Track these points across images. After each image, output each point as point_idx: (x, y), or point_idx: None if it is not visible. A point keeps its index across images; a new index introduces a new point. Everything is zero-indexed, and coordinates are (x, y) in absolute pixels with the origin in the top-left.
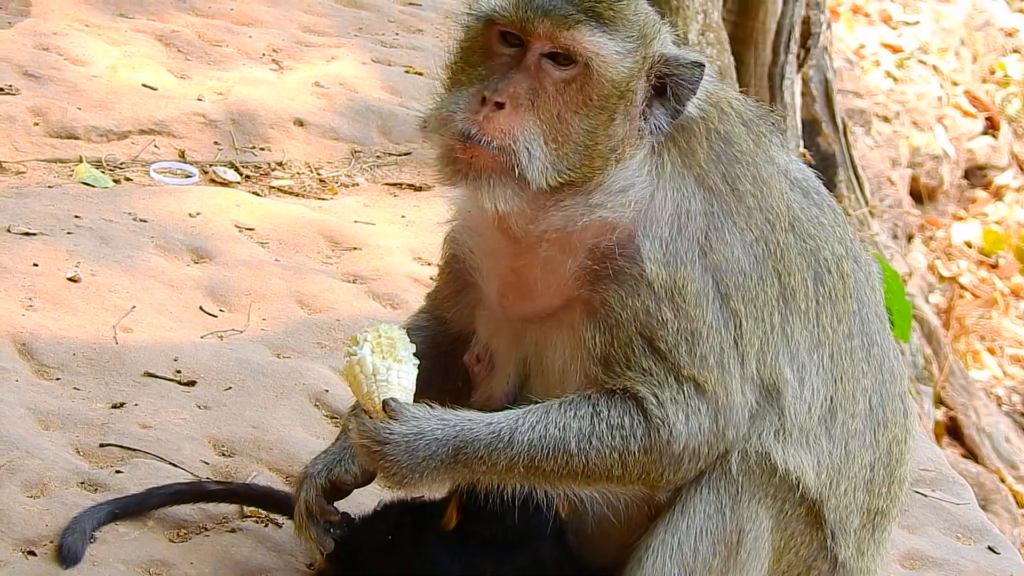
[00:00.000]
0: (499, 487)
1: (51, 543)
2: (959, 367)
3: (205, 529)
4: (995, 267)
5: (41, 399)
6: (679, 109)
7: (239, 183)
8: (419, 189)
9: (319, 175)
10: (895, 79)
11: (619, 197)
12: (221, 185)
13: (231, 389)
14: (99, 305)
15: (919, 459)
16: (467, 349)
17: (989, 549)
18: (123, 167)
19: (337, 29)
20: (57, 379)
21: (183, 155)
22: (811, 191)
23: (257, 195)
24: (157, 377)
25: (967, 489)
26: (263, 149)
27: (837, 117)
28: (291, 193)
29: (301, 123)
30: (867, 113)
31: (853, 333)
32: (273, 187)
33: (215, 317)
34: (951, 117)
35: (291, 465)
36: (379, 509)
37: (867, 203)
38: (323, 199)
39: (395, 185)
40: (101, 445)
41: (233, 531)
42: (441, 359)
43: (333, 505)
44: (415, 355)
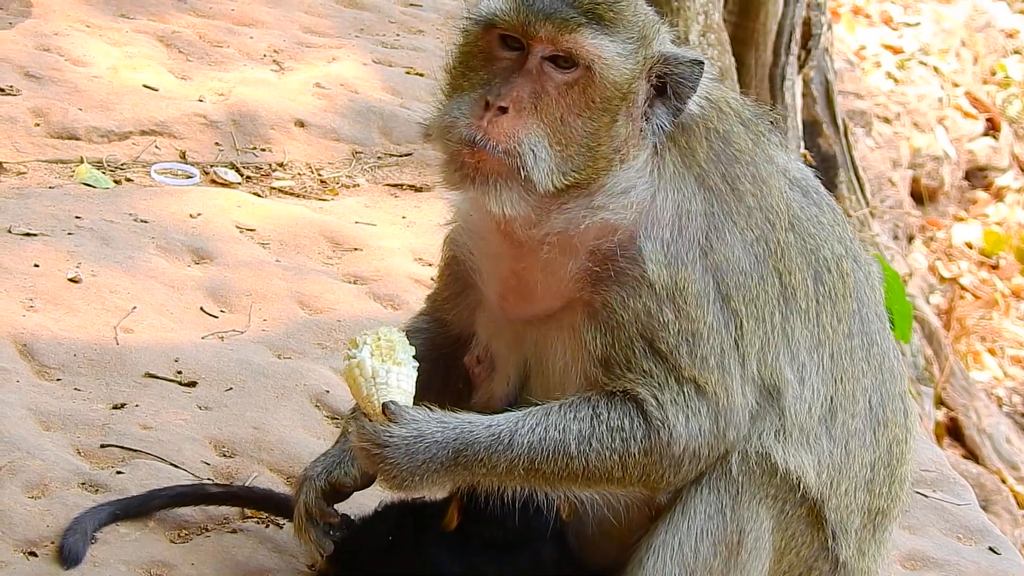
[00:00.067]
0: (499, 489)
1: (52, 544)
2: (960, 368)
3: (206, 530)
4: (996, 268)
5: (42, 400)
6: (680, 108)
7: (240, 184)
8: (420, 190)
9: (320, 176)
10: (896, 80)
11: (621, 199)
12: (222, 186)
13: (232, 390)
14: (100, 306)
15: (920, 460)
16: (467, 351)
17: (990, 550)
18: (124, 168)
19: (338, 30)
20: (58, 380)
21: (184, 156)
22: (810, 190)
23: (258, 196)
24: (158, 378)
25: (968, 490)
26: (264, 150)
27: (838, 118)
28: (292, 194)
29: (302, 124)
30: (868, 114)
31: (853, 332)
32: (274, 188)
33: (216, 318)
34: (952, 118)
35: (292, 466)
36: (379, 510)
37: (868, 204)
38: (324, 200)
39: (396, 186)
40: (102, 446)
41: (234, 532)
42: (441, 361)
43: (333, 507)
44: (415, 357)
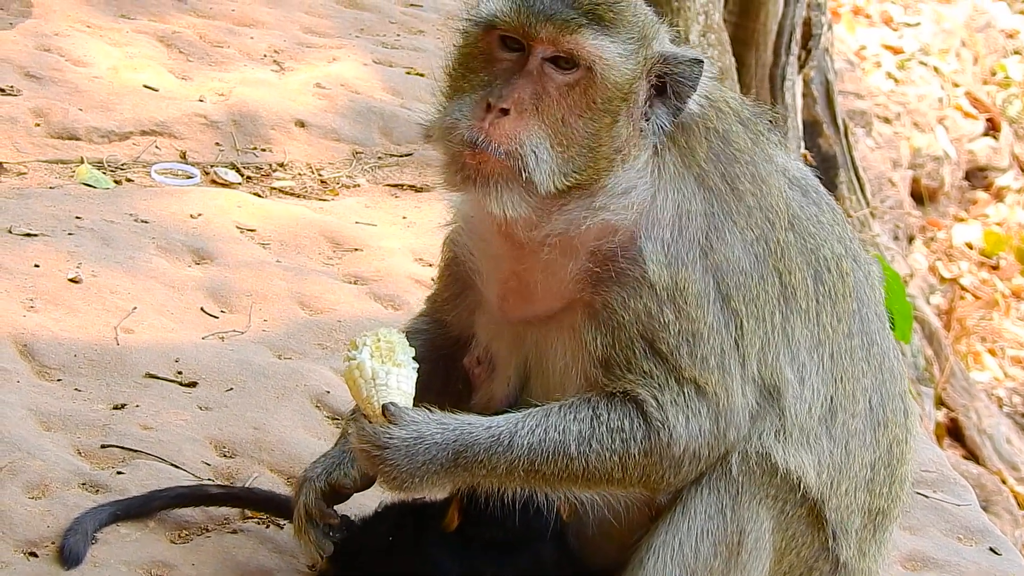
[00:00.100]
0: (499, 490)
1: (53, 544)
2: (960, 368)
3: (207, 530)
4: (996, 268)
5: (42, 400)
6: (680, 107)
7: (240, 184)
8: (420, 190)
9: (320, 176)
10: (896, 80)
11: (621, 199)
12: (222, 186)
13: (232, 390)
14: (100, 306)
15: (920, 460)
16: (467, 352)
17: (990, 550)
18: (124, 168)
19: (338, 30)
20: (58, 380)
21: (184, 156)
22: (809, 190)
23: (258, 196)
24: (158, 378)
25: (968, 490)
26: (264, 150)
27: (838, 118)
28: (292, 194)
29: (302, 124)
30: (868, 114)
31: (853, 332)
32: (274, 188)
33: (216, 318)
34: (952, 118)
35: (292, 466)
36: (380, 510)
37: (868, 204)
38: (324, 200)
39: (396, 186)
40: (102, 446)
41: (235, 532)
42: (441, 362)
43: (332, 508)
44: (414, 359)
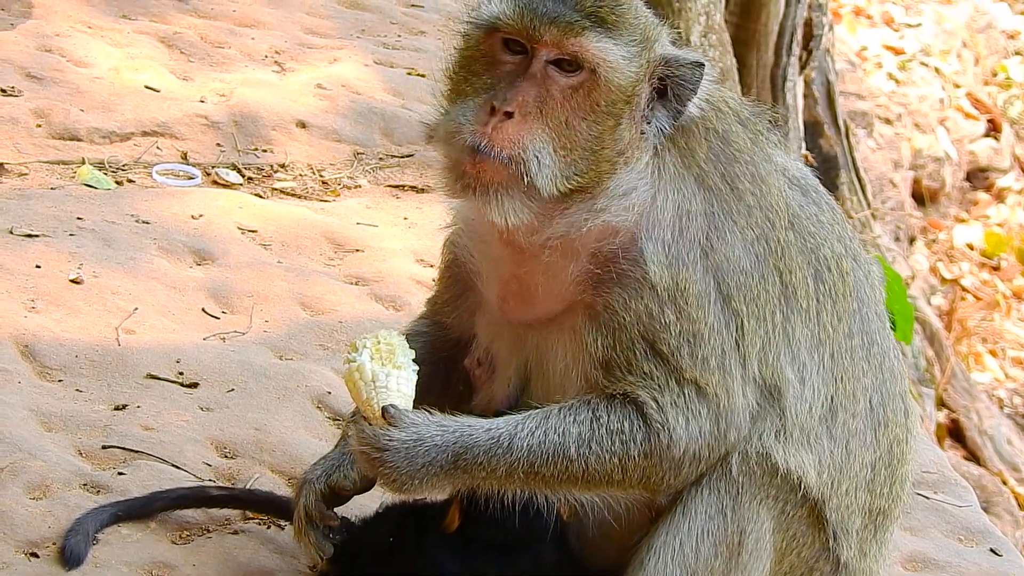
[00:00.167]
0: (500, 492)
1: (54, 545)
2: (961, 369)
3: (208, 531)
4: (997, 269)
5: (43, 401)
6: (680, 110)
7: (241, 185)
8: (421, 191)
9: (321, 177)
10: (897, 81)
11: (622, 201)
12: (223, 187)
13: (233, 391)
14: (101, 307)
15: (921, 461)
16: (467, 354)
17: (991, 551)
18: (125, 169)
19: (339, 31)
20: (59, 381)
21: (185, 157)
22: (809, 189)
23: (259, 197)
24: (159, 379)
25: (969, 491)
26: (265, 151)
27: (839, 119)
28: (293, 195)
29: (303, 125)
30: (869, 115)
31: (853, 332)
32: (275, 189)
33: (217, 319)
34: (953, 119)
35: (293, 467)
36: (381, 511)
37: (869, 205)
38: (325, 201)
39: (397, 187)
40: (103, 447)
41: (236, 533)
42: (441, 364)
43: (332, 510)
44: (414, 361)
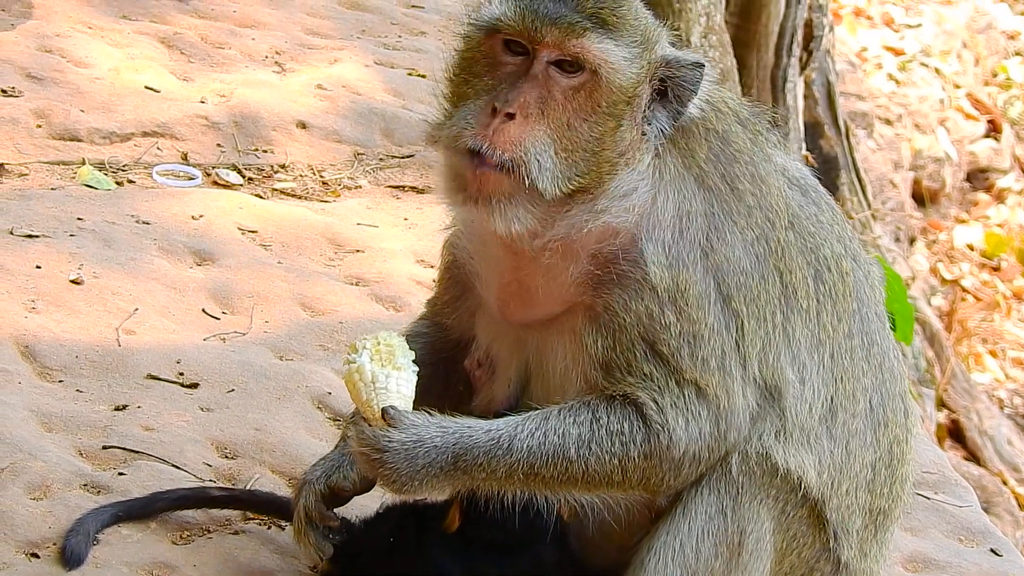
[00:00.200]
0: (500, 493)
1: (54, 545)
2: (961, 370)
3: (208, 531)
4: (997, 270)
5: (44, 401)
6: (680, 111)
7: (242, 185)
8: (422, 192)
9: (322, 177)
10: (897, 82)
11: (622, 202)
12: (224, 187)
13: (234, 391)
14: (102, 307)
15: (921, 462)
16: (467, 355)
17: (992, 552)
18: (126, 169)
19: (340, 31)
20: (60, 381)
21: (186, 157)
22: (809, 189)
23: (260, 197)
24: (160, 379)
25: (969, 492)
26: (266, 151)
27: (839, 120)
28: (294, 195)
29: (304, 125)
30: (869, 116)
31: (853, 332)
32: (276, 189)
33: (218, 319)
34: (953, 120)
35: (294, 467)
36: (381, 511)
37: (869, 206)
38: (326, 201)
39: (398, 187)
40: (104, 447)
41: (236, 533)
42: (441, 365)
43: (332, 511)
44: (414, 362)
